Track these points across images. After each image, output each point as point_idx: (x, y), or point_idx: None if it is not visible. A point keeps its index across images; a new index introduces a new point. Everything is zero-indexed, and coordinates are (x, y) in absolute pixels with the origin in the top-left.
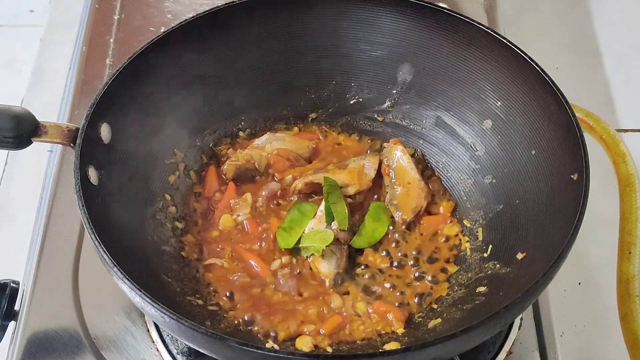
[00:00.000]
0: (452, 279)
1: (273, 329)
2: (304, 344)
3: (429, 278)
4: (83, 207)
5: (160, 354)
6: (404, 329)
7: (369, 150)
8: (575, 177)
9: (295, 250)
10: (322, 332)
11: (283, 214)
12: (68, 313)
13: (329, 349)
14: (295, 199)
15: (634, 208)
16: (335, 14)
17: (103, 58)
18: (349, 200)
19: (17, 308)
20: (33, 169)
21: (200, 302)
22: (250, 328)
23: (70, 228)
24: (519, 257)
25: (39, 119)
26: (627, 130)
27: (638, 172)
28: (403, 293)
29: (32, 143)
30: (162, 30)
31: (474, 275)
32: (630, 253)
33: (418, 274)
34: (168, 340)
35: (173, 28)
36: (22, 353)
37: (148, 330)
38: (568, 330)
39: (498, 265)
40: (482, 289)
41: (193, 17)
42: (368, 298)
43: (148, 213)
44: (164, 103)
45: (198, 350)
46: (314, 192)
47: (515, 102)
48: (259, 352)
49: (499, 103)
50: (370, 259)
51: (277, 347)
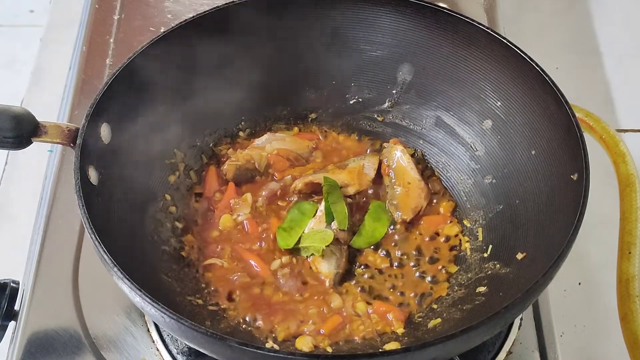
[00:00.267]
0: (452, 279)
1: (273, 329)
2: (304, 344)
3: (429, 278)
4: (83, 207)
5: (160, 354)
6: (404, 329)
7: (369, 150)
8: (575, 177)
9: (295, 250)
10: (322, 332)
11: (283, 214)
12: (68, 313)
13: (329, 349)
14: (295, 199)
15: (634, 208)
16: (335, 14)
17: (103, 58)
18: (349, 200)
19: (17, 308)
20: (33, 169)
21: (200, 302)
22: (250, 328)
23: (70, 228)
24: (519, 257)
25: (39, 119)
26: (627, 130)
27: (638, 172)
28: (403, 293)
29: (32, 143)
30: (162, 30)
31: (474, 276)
32: (630, 253)
33: (418, 274)
34: (168, 340)
35: (173, 28)
36: (22, 353)
37: (148, 330)
38: (568, 330)
39: (498, 265)
40: (482, 289)
41: (193, 17)
42: (368, 298)
43: (148, 213)
44: (164, 103)
45: (198, 350)
46: (314, 192)
47: (515, 102)
48: (259, 352)
49: (499, 103)
50: (370, 259)
51: (277, 347)
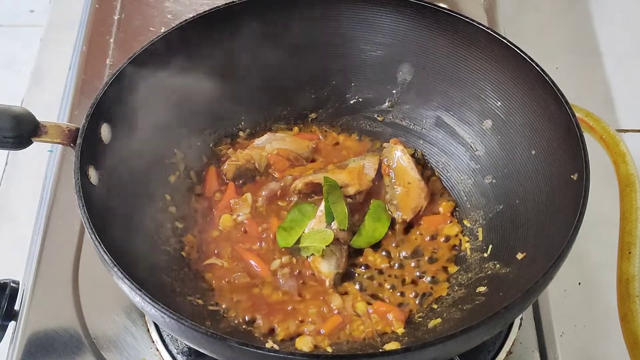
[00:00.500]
0: (452, 279)
1: (273, 329)
2: (304, 344)
3: (429, 278)
4: (83, 207)
5: (160, 354)
6: (404, 329)
7: (369, 150)
8: (575, 177)
9: (295, 250)
10: (322, 332)
11: (283, 214)
12: (68, 313)
13: (329, 349)
14: (295, 199)
15: (634, 208)
16: (335, 14)
17: (103, 58)
18: (349, 200)
19: (17, 308)
20: (33, 169)
21: (200, 302)
22: (250, 328)
23: (70, 228)
24: (519, 257)
25: (39, 119)
26: (627, 131)
27: (638, 172)
28: (403, 293)
29: (32, 143)
30: (162, 30)
31: (474, 275)
32: (630, 253)
33: (418, 274)
34: (168, 340)
35: (173, 28)
36: (22, 353)
37: (148, 330)
38: (568, 330)
39: (498, 265)
40: (482, 289)
41: (193, 17)
42: (368, 298)
43: (148, 213)
44: (165, 103)
45: (198, 350)
46: (314, 192)
47: (515, 102)
48: (259, 352)
49: (499, 103)
50: (370, 259)
51: (277, 347)
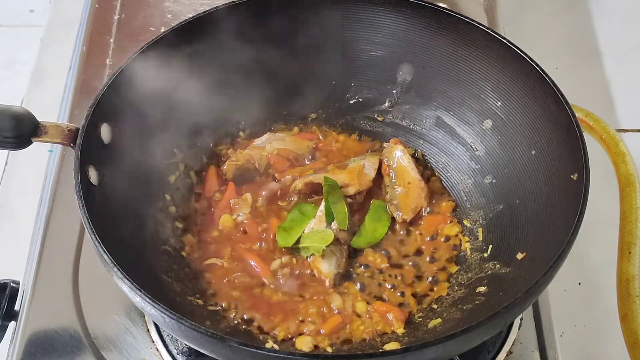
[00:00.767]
0: (452, 279)
1: (273, 329)
2: (304, 344)
3: (429, 278)
4: (83, 207)
5: (160, 354)
6: (404, 329)
7: (369, 150)
8: (575, 177)
9: (295, 250)
10: (322, 332)
11: (283, 214)
12: (68, 313)
13: (329, 349)
14: (295, 199)
15: (634, 208)
16: (335, 14)
17: (103, 58)
18: (349, 200)
19: (17, 308)
20: (33, 169)
21: (200, 302)
22: (250, 328)
23: (70, 228)
24: (519, 257)
25: (39, 119)
26: (627, 131)
27: (638, 172)
28: (403, 293)
29: (32, 143)
30: (162, 30)
31: (474, 275)
32: (630, 253)
33: (418, 274)
34: (168, 340)
35: (172, 28)
36: (22, 353)
37: (148, 330)
38: (568, 330)
39: (498, 265)
40: (482, 289)
41: (193, 16)
42: (368, 298)
43: (148, 213)
44: (164, 103)
45: (198, 350)
46: (314, 192)
47: (515, 102)
48: (259, 352)
49: (499, 103)
50: (370, 259)
51: (277, 347)
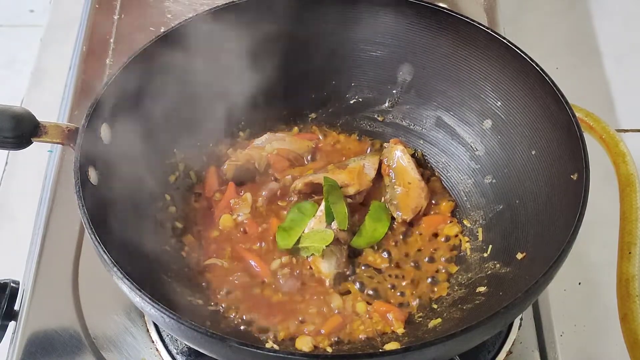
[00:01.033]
0: (452, 279)
1: (273, 329)
2: (304, 344)
3: (429, 278)
4: (83, 207)
5: (160, 354)
6: (404, 329)
7: (369, 150)
8: (575, 177)
9: (295, 250)
10: (322, 332)
11: (283, 214)
12: (68, 313)
13: (329, 349)
14: (295, 199)
15: (634, 208)
16: (336, 14)
17: (103, 58)
18: (349, 200)
19: (17, 308)
20: (33, 169)
21: (200, 302)
22: (250, 328)
23: (70, 228)
24: (519, 257)
25: (39, 119)
26: (627, 131)
27: (638, 172)
28: (403, 293)
29: (32, 143)
30: (162, 30)
31: (474, 275)
32: (630, 253)
33: (418, 274)
34: (168, 340)
35: (172, 28)
36: (22, 353)
37: (148, 330)
38: (568, 330)
39: (498, 265)
40: (482, 289)
41: (193, 16)
42: (368, 298)
43: (148, 213)
44: (164, 103)
45: (198, 350)
46: (314, 192)
47: (515, 102)
48: (259, 352)
49: (499, 103)
50: (370, 259)
51: (276, 347)
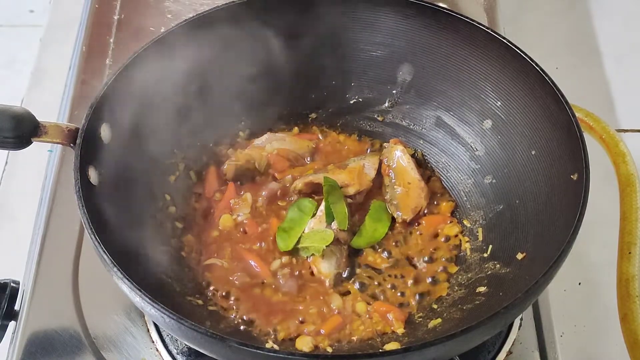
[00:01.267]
0: (452, 279)
1: (273, 329)
2: (304, 344)
3: (429, 278)
4: (83, 207)
5: (160, 354)
6: (404, 329)
7: (369, 150)
8: (575, 177)
9: (295, 250)
10: (322, 332)
11: (283, 214)
12: (68, 313)
13: (329, 349)
14: (295, 199)
15: (634, 208)
16: (336, 14)
17: (103, 58)
18: (349, 200)
19: (17, 308)
20: (33, 169)
21: (200, 302)
22: (250, 328)
23: (70, 228)
24: (519, 257)
25: (39, 119)
26: (627, 131)
27: (638, 172)
28: (403, 293)
29: (32, 143)
30: (162, 30)
31: (474, 276)
32: (630, 253)
33: (418, 274)
34: (168, 340)
35: (172, 28)
36: (22, 353)
37: (148, 330)
38: (568, 330)
39: (498, 265)
40: (482, 289)
41: (193, 16)
42: (368, 298)
43: (148, 213)
44: (164, 103)
45: (198, 350)
46: (314, 192)
47: (515, 102)
48: (259, 352)
49: (499, 103)
50: (370, 259)
51: (277, 347)
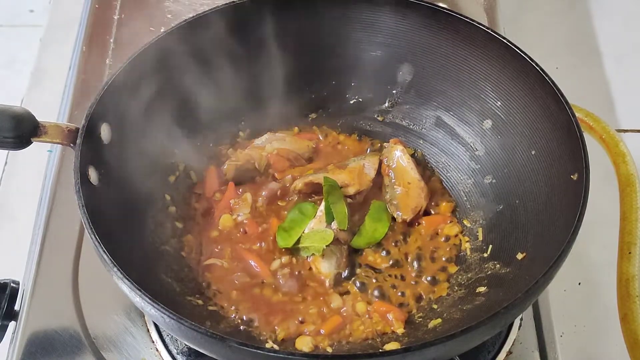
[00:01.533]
0: (452, 279)
1: (273, 329)
2: (304, 344)
3: (429, 278)
4: (83, 207)
5: (160, 354)
6: (404, 329)
7: (369, 150)
8: (575, 177)
9: (295, 250)
10: (322, 332)
11: (283, 214)
12: (68, 313)
13: (329, 349)
14: (295, 199)
15: (634, 208)
16: (336, 14)
17: (103, 58)
18: (349, 200)
19: (17, 308)
20: (33, 169)
21: (200, 302)
22: (250, 328)
23: (70, 228)
24: (519, 257)
25: (39, 119)
26: (627, 131)
27: (638, 172)
28: (403, 293)
29: (32, 143)
30: (162, 30)
31: (474, 276)
32: (630, 253)
33: (418, 274)
34: (168, 340)
35: (172, 28)
36: (22, 353)
37: (148, 330)
38: (568, 330)
39: (498, 265)
40: (482, 289)
41: (193, 17)
42: (368, 298)
43: (148, 213)
44: (164, 103)
45: (198, 350)
46: (314, 192)
47: (515, 102)
48: (259, 352)
49: (499, 103)
50: (371, 259)
51: (276, 347)
